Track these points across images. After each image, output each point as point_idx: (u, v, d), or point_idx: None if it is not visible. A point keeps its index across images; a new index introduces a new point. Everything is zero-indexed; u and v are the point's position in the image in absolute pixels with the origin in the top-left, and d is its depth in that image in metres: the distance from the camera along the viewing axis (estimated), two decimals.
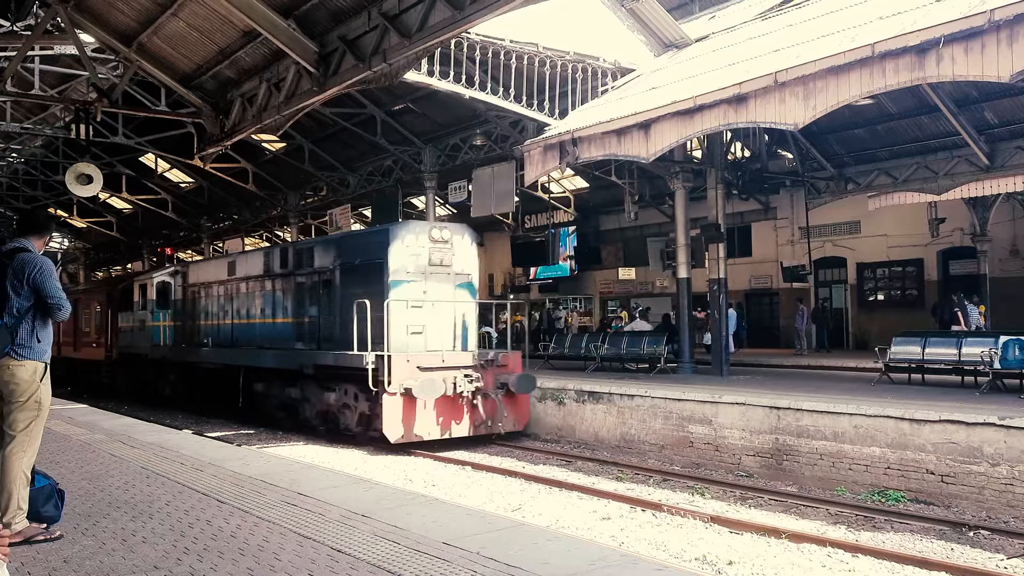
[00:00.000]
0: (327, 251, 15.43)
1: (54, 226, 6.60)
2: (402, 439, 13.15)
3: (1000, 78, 9.62)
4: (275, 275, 16.72)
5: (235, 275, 18.28)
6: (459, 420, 13.70)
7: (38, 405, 5.35)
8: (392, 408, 13.04)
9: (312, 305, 15.60)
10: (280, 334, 16.51)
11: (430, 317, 13.95)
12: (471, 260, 14.74)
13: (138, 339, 22.51)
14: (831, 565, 7.44)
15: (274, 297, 16.81)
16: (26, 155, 30.73)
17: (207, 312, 19.66)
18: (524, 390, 14.32)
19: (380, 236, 14.28)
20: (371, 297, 13.22)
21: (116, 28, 13.48)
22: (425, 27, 9.32)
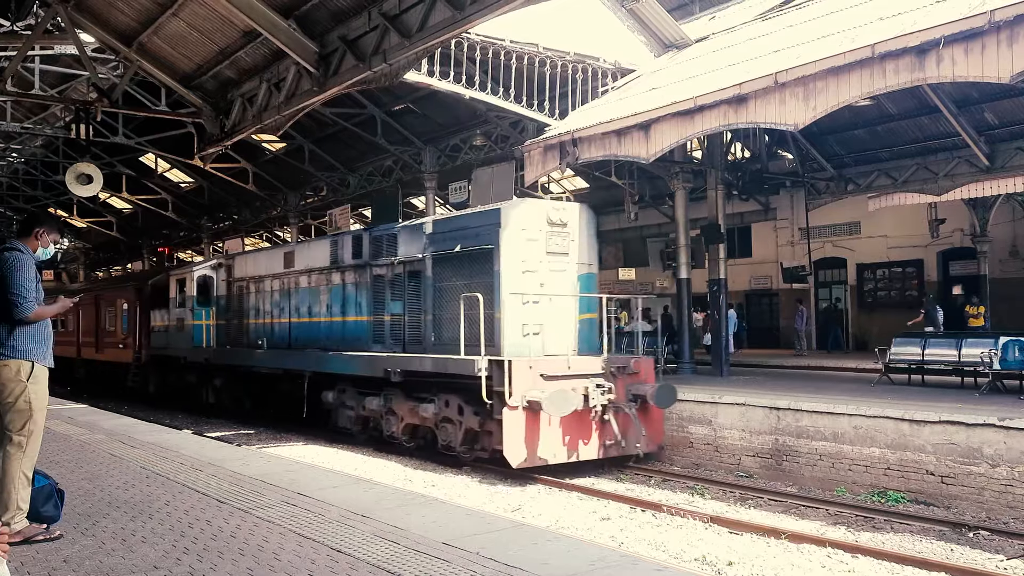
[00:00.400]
0: (415, 237, 13.39)
1: (41, 218, 6.43)
2: (524, 463, 11.03)
3: (1000, 79, 9.62)
4: (345, 267, 14.87)
5: (293, 267, 16.51)
6: (587, 439, 11.51)
7: (28, 405, 5.30)
8: (514, 425, 10.90)
9: (395, 300, 13.69)
10: (352, 335, 14.65)
11: (548, 315, 11.88)
12: (593, 246, 12.77)
13: (175, 340, 20.54)
14: (831, 566, 7.44)
15: (344, 292, 14.92)
16: (26, 155, 30.73)
17: (258, 309, 17.88)
18: (665, 403, 11.94)
19: (490, 218, 12.03)
20: (476, 291, 11.54)
21: (116, 28, 13.48)
22: (425, 27, 9.32)
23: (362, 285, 14.45)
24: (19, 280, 5.29)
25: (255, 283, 17.98)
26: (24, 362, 5.33)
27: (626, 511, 9.55)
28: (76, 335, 28.58)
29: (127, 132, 24.83)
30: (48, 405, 5.64)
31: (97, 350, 26.51)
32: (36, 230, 5.68)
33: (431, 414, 12.35)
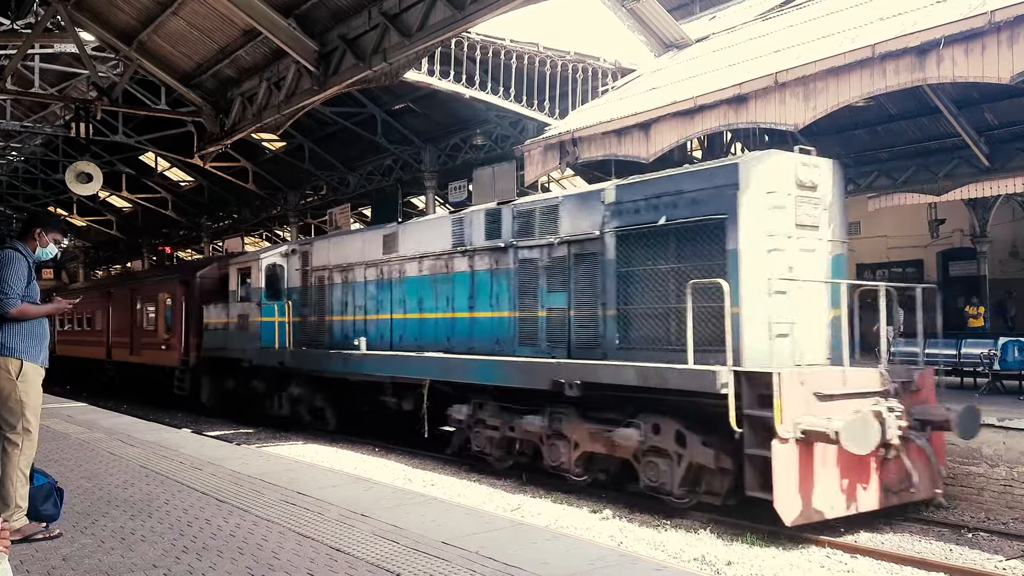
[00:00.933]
0: (587, 208, 10.55)
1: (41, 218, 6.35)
2: (799, 519, 8.03)
3: (1000, 79, 9.62)
4: (475, 250, 12.26)
5: (396, 252, 13.94)
6: (865, 483, 8.54)
7: (21, 404, 5.31)
8: (787, 465, 7.98)
9: (555, 291, 10.88)
10: (486, 334, 11.94)
11: (798, 310, 8.89)
12: (845, 217, 10.13)
13: (236, 340, 17.81)
14: (829, 566, 7.44)
15: (473, 281, 12.27)
16: (26, 153, 30.71)
17: (346, 304, 15.16)
18: (971, 432, 8.93)
19: (718, 178, 9.15)
20: (692, 276, 8.92)
21: (116, 26, 13.48)
22: (425, 26, 9.31)
23: (501, 273, 11.73)
24: (4, 276, 5.33)
25: (341, 272, 15.32)
26: (12, 360, 5.33)
27: (625, 511, 9.55)
28: (105, 334, 26.38)
29: (127, 131, 24.81)
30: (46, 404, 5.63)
31: (132, 351, 23.76)
32: (34, 230, 5.70)
33: (633, 442, 9.36)
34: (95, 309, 27.81)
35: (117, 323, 25.54)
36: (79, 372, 29.69)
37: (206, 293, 19.78)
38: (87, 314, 28.83)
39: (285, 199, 29.91)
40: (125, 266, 45.38)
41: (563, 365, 10.14)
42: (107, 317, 26.40)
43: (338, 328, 15.38)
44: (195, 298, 19.92)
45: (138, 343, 23.47)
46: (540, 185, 26.69)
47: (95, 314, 27.89)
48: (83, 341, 29.16)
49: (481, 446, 11.84)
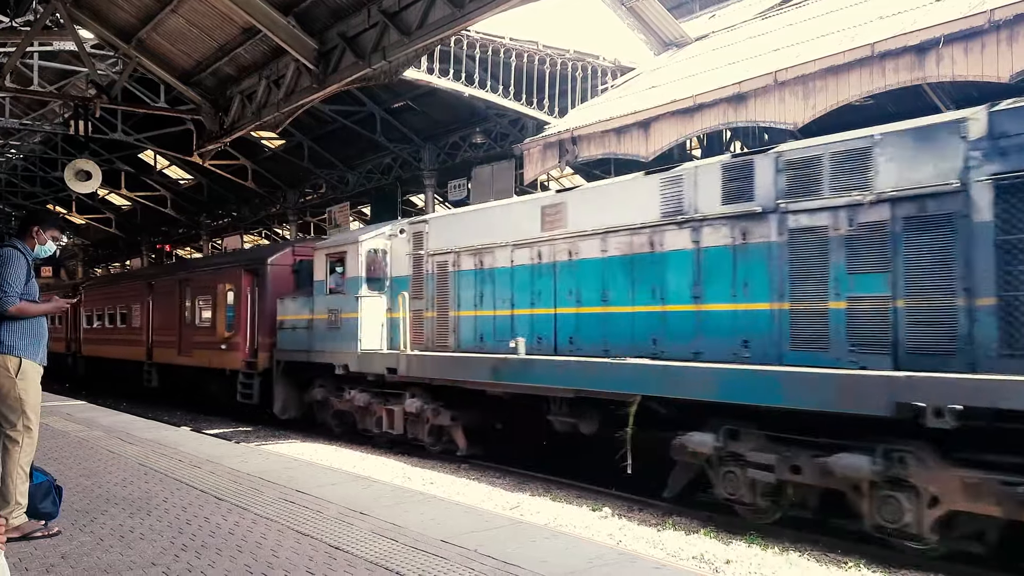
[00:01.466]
0: (934, 148, 7.48)
1: (40, 216, 6.29)
2: None
3: (1000, 78, 9.62)
4: (704, 220, 9.09)
5: (563, 228, 10.76)
6: None
7: (20, 401, 5.33)
8: None
9: (868, 272, 7.74)
10: (727, 335, 8.82)
11: None
12: None
13: (323, 340, 14.53)
14: (827, 562, 7.44)
15: (700, 262, 9.14)
16: (25, 151, 30.70)
17: (481, 296, 12.04)
18: None
19: None
20: None
21: (115, 24, 13.48)
22: (425, 24, 9.32)
23: (752, 249, 8.65)
24: (3, 274, 5.34)
25: (473, 256, 12.17)
26: (11, 357, 5.35)
27: (624, 509, 9.55)
28: (145, 332, 22.77)
29: (126, 129, 24.81)
30: (45, 402, 5.64)
31: (181, 351, 20.39)
32: (32, 228, 5.71)
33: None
34: (132, 302, 24.21)
35: (161, 319, 22.00)
36: (112, 375, 26.24)
37: (281, 283, 16.88)
38: (120, 308, 25.21)
39: (284, 197, 29.92)
40: (124, 264, 45.26)
41: (923, 381, 6.83)
42: (147, 312, 22.76)
43: (468, 327, 12.20)
44: (267, 290, 16.90)
45: (188, 342, 20.04)
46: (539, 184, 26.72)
47: (131, 308, 24.16)
48: (115, 340, 25.40)
49: (736, 492, 8.46)
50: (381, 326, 13.70)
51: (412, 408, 12.67)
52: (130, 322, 24.18)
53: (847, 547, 7.87)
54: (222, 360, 18.16)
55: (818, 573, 7.13)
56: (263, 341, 16.78)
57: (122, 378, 25.28)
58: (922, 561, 7.32)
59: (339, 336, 14.17)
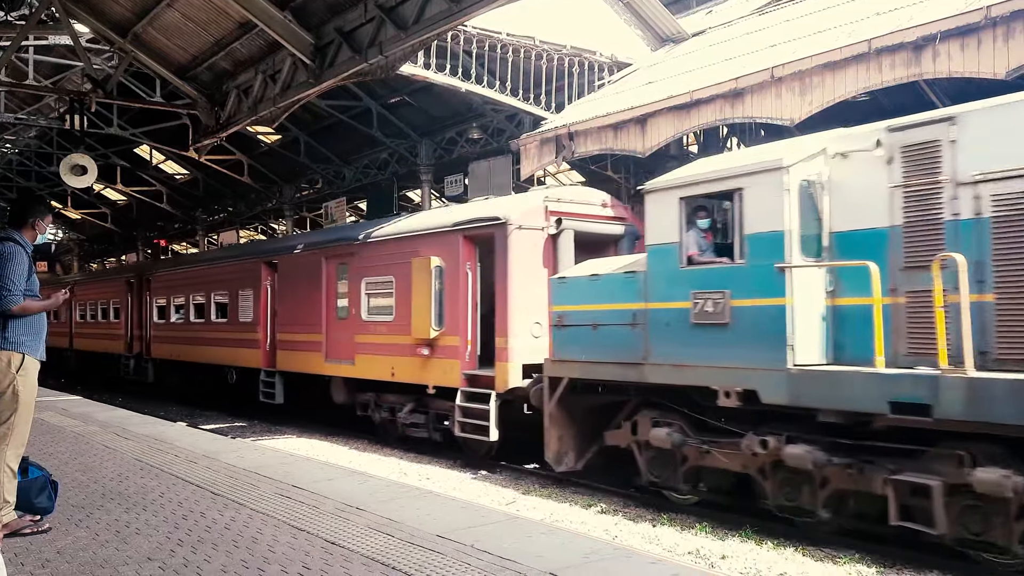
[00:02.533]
0: None
1: (39, 207, 6.25)
2: None
3: (996, 75, 9.64)
4: None
5: None
6: None
7: (15, 397, 5.31)
8: None
9: None
10: None
11: None
12: None
13: (671, 344, 8.75)
14: (822, 558, 7.47)
15: None
16: (20, 146, 30.60)
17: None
18: None
19: None
20: None
21: (111, 18, 13.43)
22: (422, 19, 9.30)
23: None
24: (7, 272, 5.32)
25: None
26: (15, 353, 5.33)
27: (620, 504, 9.58)
28: (263, 329, 17.16)
29: (121, 123, 24.71)
30: (41, 397, 5.63)
31: (329, 355, 14.92)
32: (32, 220, 5.69)
33: None
34: (238, 287, 18.75)
35: (290, 311, 16.45)
36: (196, 382, 21.34)
37: (524, 257, 11.47)
38: (217, 296, 19.87)
39: (280, 192, 29.86)
40: (120, 259, 45.11)
41: None
42: (264, 301, 17.50)
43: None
44: (506, 265, 11.33)
45: (343, 343, 14.50)
46: (536, 179, 26.72)
47: (236, 296, 18.70)
48: (205, 339, 20.10)
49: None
50: (821, 320, 7.90)
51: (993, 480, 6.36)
52: (234, 315, 18.71)
53: (841, 543, 7.90)
54: (423, 372, 12.37)
55: (813, 568, 7.16)
56: (506, 345, 11.20)
57: (215, 387, 20.13)
58: (919, 556, 7.36)
59: (727, 339, 8.21)
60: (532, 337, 11.43)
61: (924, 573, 7.05)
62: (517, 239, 11.49)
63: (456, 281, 12.11)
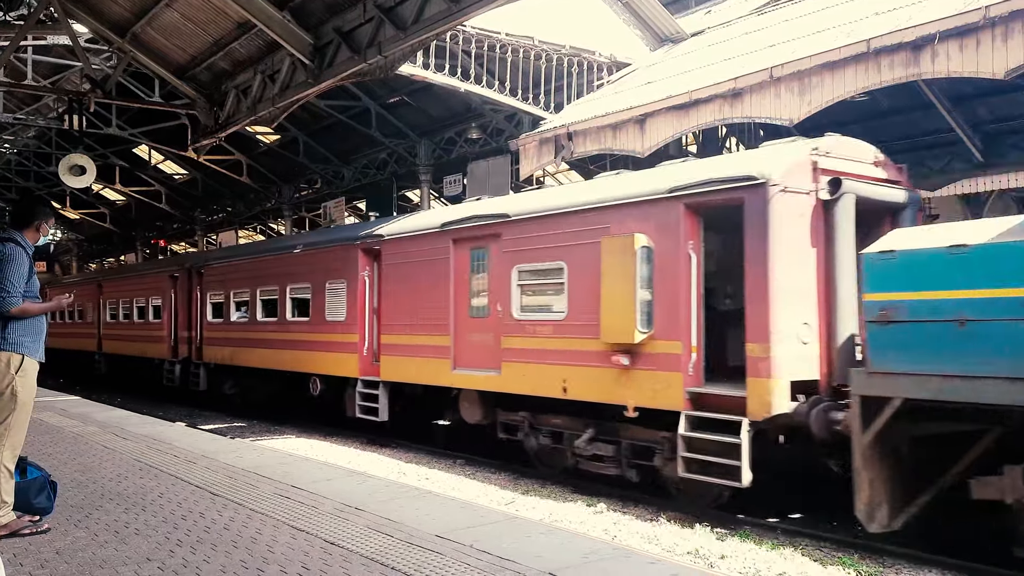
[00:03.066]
0: None
1: (44, 209, 6.24)
2: None
3: (995, 75, 9.64)
4: None
5: None
6: None
7: (14, 398, 5.30)
8: None
9: None
10: None
11: None
12: None
13: None
14: (821, 558, 7.47)
15: None
16: (19, 146, 30.59)
17: None
18: None
19: None
20: None
21: (110, 18, 13.42)
22: (421, 19, 9.29)
23: None
24: (7, 274, 5.32)
25: None
26: (14, 355, 5.33)
27: (619, 504, 9.58)
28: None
29: (120, 123, 24.70)
30: (40, 398, 5.63)
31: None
32: (37, 222, 5.70)
33: None
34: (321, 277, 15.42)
35: (400, 303, 13.35)
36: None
37: (786, 231, 8.51)
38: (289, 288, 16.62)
39: (279, 192, 29.86)
40: (119, 260, 45.07)
41: None
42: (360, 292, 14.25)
43: None
44: (766, 244, 8.39)
45: (482, 348, 11.63)
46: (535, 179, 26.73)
47: (318, 286, 15.43)
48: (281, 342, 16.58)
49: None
50: None
51: None
52: (319, 313, 15.27)
53: (838, 542, 7.91)
54: (619, 389, 9.49)
55: (812, 568, 7.16)
56: (767, 354, 8.15)
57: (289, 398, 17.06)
58: (918, 556, 7.36)
59: None
60: (800, 343, 8.33)
61: (923, 573, 7.06)
62: (780, 206, 8.35)
63: (674, 267, 9.02)
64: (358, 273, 14.29)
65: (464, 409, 12.13)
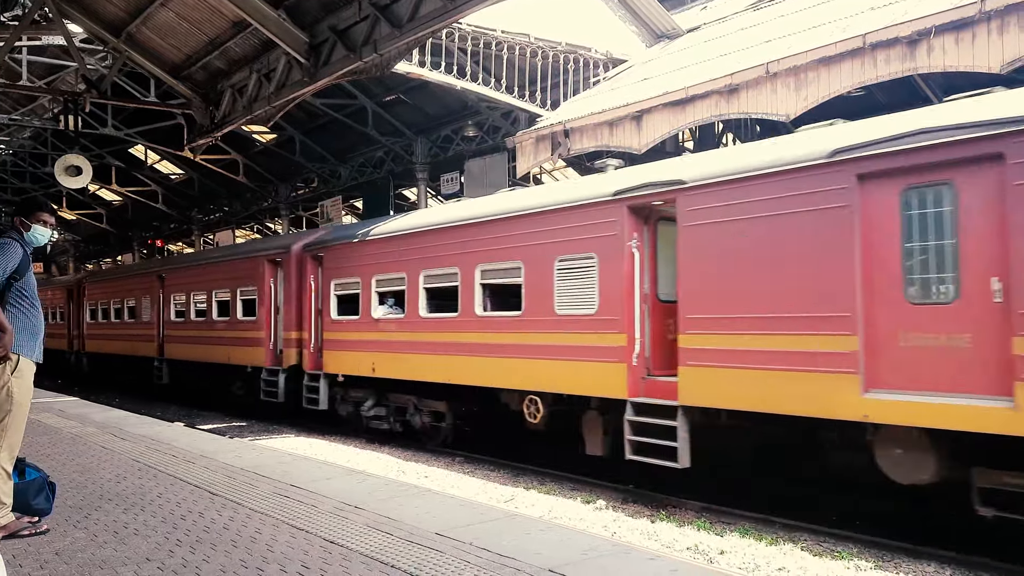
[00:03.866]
0: None
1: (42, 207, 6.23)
2: None
3: (991, 69, 9.65)
4: None
5: None
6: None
7: (10, 398, 5.27)
8: None
9: None
10: None
11: None
12: None
13: None
14: (821, 553, 7.48)
15: None
16: (14, 147, 30.53)
17: None
18: None
19: None
20: None
21: (105, 18, 13.39)
22: (416, 17, 9.28)
23: None
24: None
25: None
26: (11, 354, 5.30)
27: (618, 501, 9.59)
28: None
29: (116, 123, 24.67)
30: (37, 399, 5.62)
31: None
32: (15, 219, 5.67)
33: None
34: (539, 254, 10.57)
35: (728, 286, 8.40)
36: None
37: None
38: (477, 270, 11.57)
39: (276, 191, 29.84)
40: (115, 260, 45.01)
41: None
42: (628, 268, 9.46)
43: None
44: None
45: (932, 356, 6.92)
46: (532, 176, 26.73)
47: (543, 264, 10.47)
48: (482, 347, 11.45)
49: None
50: None
51: None
52: (541, 302, 10.48)
53: (840, 537, 7.92)
54: None
55: (812, 562, 7.17)
56: None
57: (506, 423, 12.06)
58: (917, 549, 7.38)
59: None
60: None
61: (922, 566, 7.07)
62: None
63: None
64: (623, 244, 9.43)
65: (885, 459, 7.47)
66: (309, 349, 15.29)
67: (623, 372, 9.29)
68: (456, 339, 11.78)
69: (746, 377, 8.07)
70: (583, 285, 9.89)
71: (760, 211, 8.11)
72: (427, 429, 13.00)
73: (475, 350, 11.41)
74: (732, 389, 8.20)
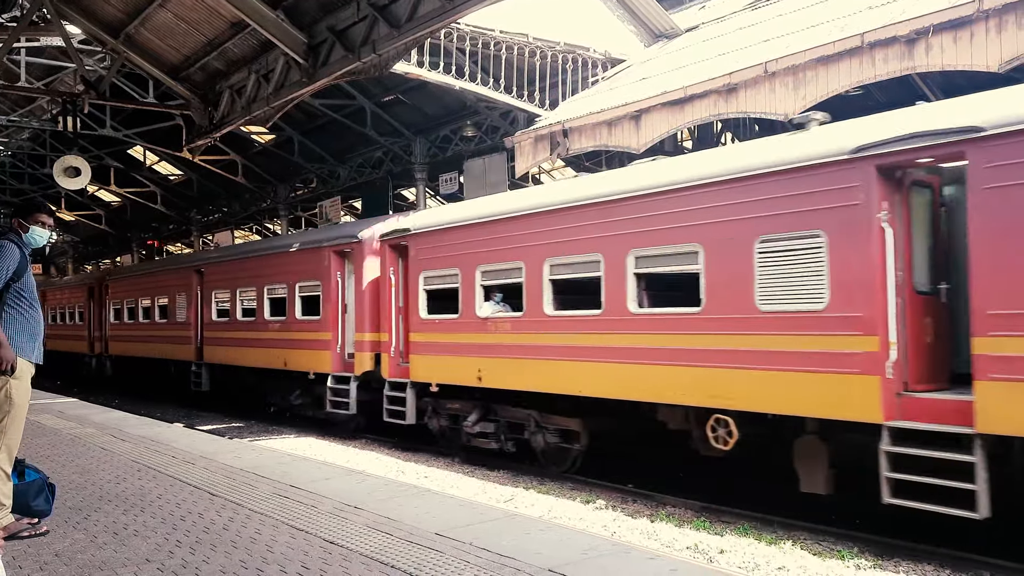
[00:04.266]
0: None
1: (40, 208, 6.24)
2: None
3: (989, 68, 9.65)
4: None
5: None
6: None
7: (9, 400, 5.27)
8: None
9: None
10: None
11: None
12: None
13: None
14: (820, 552, 7.49)
15: None
16: (13, 148, 30.51)
17: None
18: None
19: None
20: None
21: (103, 19, 13.38)
22: (415, 17, 9.28)
23: None
24: None
25: None
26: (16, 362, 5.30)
27: (618, 500, 9.59)
28: None
29: (115, 124, 24.66)
30: (35, 400, 5.62)
31: None
32: (13, 221, 5.67)
33: None
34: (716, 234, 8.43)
35: None
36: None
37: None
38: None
39: (275, 192, 29.84)
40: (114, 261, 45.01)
41: None
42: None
43: None
44: None
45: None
46: (531, 176, 26.74)
47: (725, 254, 8.32)
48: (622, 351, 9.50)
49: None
50: None
51: None
52: (726, 296, 8.48)
53: (839, 536, 7.92)
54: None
55: (812, 562, 7.18)
56: None
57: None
58: (916, 548, 7.39)
59: None
60: None
61: (921, 565, 7.08)
62: None
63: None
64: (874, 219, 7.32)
65: None
66: (390, 353, 13.16)
67: (874, 387, 6.95)
68: (598, 342, 9.62)
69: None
70: (802, 273, 7.65)
71: None
72: (551, 450, 10.89)
73: (626, 355, 9.26)
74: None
